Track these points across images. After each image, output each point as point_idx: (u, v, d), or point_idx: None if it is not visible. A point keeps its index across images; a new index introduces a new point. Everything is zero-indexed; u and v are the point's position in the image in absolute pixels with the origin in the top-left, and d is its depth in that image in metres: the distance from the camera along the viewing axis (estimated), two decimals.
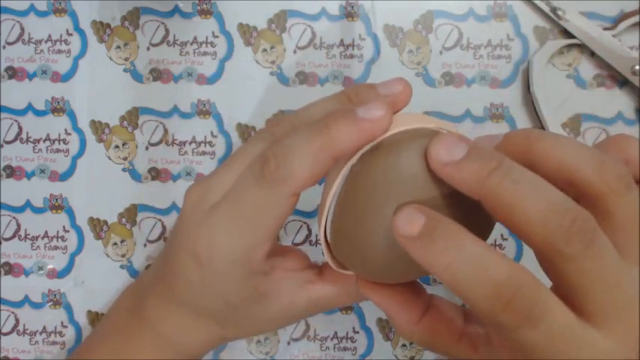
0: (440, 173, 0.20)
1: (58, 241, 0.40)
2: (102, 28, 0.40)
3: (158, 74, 0.40)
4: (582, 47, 0.38)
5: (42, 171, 0.40)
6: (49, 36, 0.41)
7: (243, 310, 0.28)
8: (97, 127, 0.40)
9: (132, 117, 0.40)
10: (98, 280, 0.40)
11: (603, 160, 0.20)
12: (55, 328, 0.40)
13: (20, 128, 0.41)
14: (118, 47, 0.40)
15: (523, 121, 0.39)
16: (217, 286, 0.27)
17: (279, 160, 0.23)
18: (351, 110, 0.22)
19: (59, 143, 0.40)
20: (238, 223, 0.25)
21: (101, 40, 0.40)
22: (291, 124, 0.27)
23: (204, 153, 0.40)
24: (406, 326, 0.25)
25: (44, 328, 0.40)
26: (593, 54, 0.38)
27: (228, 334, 0.31)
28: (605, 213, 0.20)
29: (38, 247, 0.40)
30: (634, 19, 0.37)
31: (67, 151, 0.40)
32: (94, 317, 0.40)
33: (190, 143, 0.40)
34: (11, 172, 0.41)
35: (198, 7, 0.40)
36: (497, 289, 0.19)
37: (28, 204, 0.40)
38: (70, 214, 0.40)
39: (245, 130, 0.40)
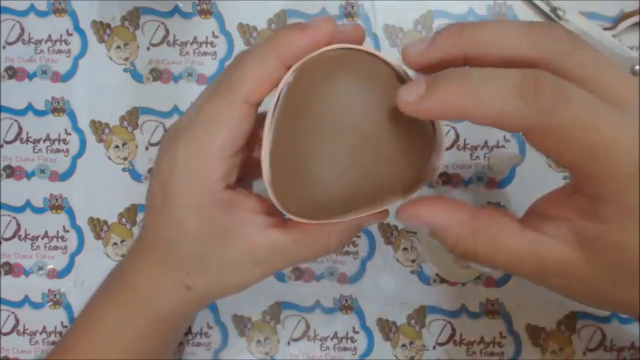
0: (409, 113, 0.22)
1: (58, 241, 0.40)
2: (102, 28, 0.40)
3: (158, 74, 0.40)
4: None
5: (42, 171, 0.40)
6: (49, 36, 0.41)
7: (203, 246, 0.28)
8: (97, 127, 0.40)
9: (132, 117, 0.40)
10: (98, 281, 0.40)
11: (538, 29, 0.21)
12: (55, 328, 0.40)
13: (20, 128, 0.41)
14: (118, 47, 0.40)
15: None
16: (178, 210, 0.27)
17: (230, 71, 0.25)
18: (298, 22, 0.25)
19: (59, 143, 0.40)
20: (195, 137, 0.26)
21: (101, 40, 0.40)
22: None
23: None
24: (463, 225, 0.23)
25: (44, 328, 0.40)
26: None
27: (192, 282, 0.29)
28: (563, 77, 0.20)
29: (38, 247, 0.40)
30: (634, 19, 0.37)
31: (67, 151, 0.40)
32: None
33: None
34: (11, 172, 0.41)
35: (198, 7, 0.40)
36: (521, 86, 0.19)
37: (28, 204, 0.40)
38: (70, 214, 0.40)
39: None
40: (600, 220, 0.21)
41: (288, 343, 0.40)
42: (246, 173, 0.31)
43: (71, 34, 0.41)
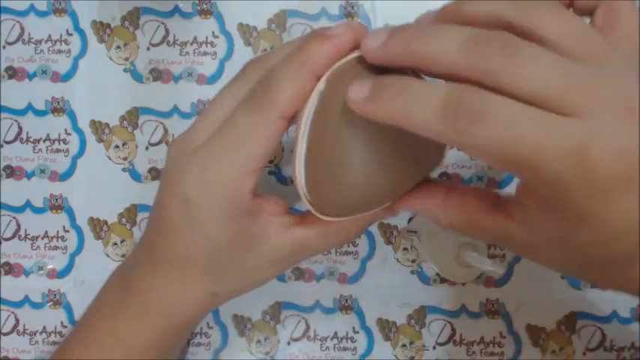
0: (354, 109, 0.23)
1: (58, 241, 0.40)
2: (102, 28, 0.40)
3: (158, 74, 0.40)
4: None
5: (42, 171, 0.40)
6: (49, 36, 0.41)
7: (231, 255, 0.28)
8: (97, 127, 0.40)
9: (132, 117, 0.40)
10: (98, 281, 0.40)
11: (473, 44, 0.21)
12: (55, 328, 0.40)
13: (20, 128, 0.41)
14: (118, 47, 0.40)
15: None
16: (206, 225, 0.27)
17: (265, 86, 0.26)
18: (319, 30, 0.26)
19: (59, 143, 0.40)
20: (228, 152, 0.26)
21: (101, 40, 0.40)
22: (265, 65, 0.28)
23: None
24: (436, 209, 0.26)
25: (44, 328, 0.40)
26: None
27: (218, 289, 0.30)
28: (538, 36, 0.21)
29: (38, 247, 0.40)
30: None
31: (67, 151, 0.40)
32: None
33: None
34: (11, 172, 0.41)
35: (198, 7, 0.40)
36: (444, 106, 0.21)
37: (28, 204, 0.40)
38: (70, 214, 0.40)
39: None
40: (550, 217, 0.22)
41: (288, 343, 0.40)
42: None
43: (71, 34, 0.41)
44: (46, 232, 0.40)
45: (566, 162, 0.20)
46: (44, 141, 0.40)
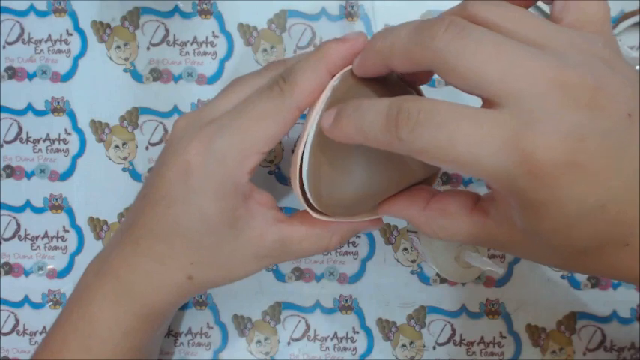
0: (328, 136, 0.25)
1: (58, 241, 0.40)
2: (102, 28, 0.40)
3: (158, 74, 0.40)
4: None
5: (42, 171, 0.40)
6: (49, 36, 0.41)
7: (216, 236, 0.29)
8: (97, 127, 0.40)
9: (132, 117, 0.40)
10: None
11: (415, 41, 0.22)
12: None
13: (20, 128, 0.41)
14: (118, 47, 0.40)
15: None
16: (200, 197, 0.28)
17: (286, 77, 0.27)
18: (335, 38, 0.28)
19: (59, 143, 0.40)
20: (241, 128, 0.27)
21: (101, 40, 0.40)
22: (285, 64, 0.30)
23: None
24: (418, 216, 0.26)
25: (44, 328, 0.40)
26: None
27: (194, 272, 0.30)
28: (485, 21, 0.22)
29: (38, 247, 0.40)
30: (634, 19, 0.37)
31: (67, 151, 0.40)
32: None
33: None
34: (11, 172, 0.41)
35: (198, 7, 0.40)
36: (386, 118, 0.22)
37: (28, 204, 0.40)
38: (70, 214, 0.40)
39: None
40: (511, 214, 0.23)
41: (288, 343, 0.40)
42: None
43: (71, 34, 0.41)
44: (46, 232, 0.40)
45: (504, 155, 0.20)
46: (44, 141, 0.40)
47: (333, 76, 0.27)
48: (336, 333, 0.39)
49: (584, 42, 0.21)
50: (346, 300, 0.39)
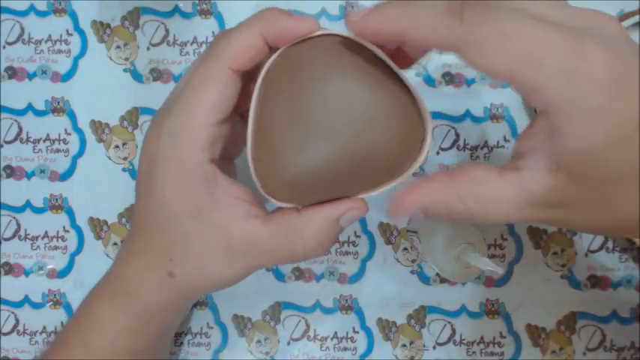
0: (354, 29, 0.24)
1: (58, 241, 0.40)
2: (102, 28, 0.40)
3: (158, 74, 0.40)
4: None
5: (42, 171, 0.40)
6: (49, 36, 0.41)
7: (182, 228, 0.28)
8: (97, 127, 0.40)
9: (132, 117, 0.40)
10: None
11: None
12: (55, 328, 0.40)
13: (20, 128, 0.41)
14: (118, 47, 0.40)
15: (523, 121, 0.39)
16: (160, 184, 0.27)
17: (216, 41, 0.27)
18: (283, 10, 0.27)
19: (59, 143, 0.40)
20: (183, 103, 0.27)
21: (101, 40, 0.40)
22: (227, 34, 0.29)
23: None
24: (447, 190, 0.24)
25: (44, 328, 0.40)
26: None
27: (174, 268, 0.29)
28: None
29: (38, 247, 0.40)
30: (634, 19, 0.37)
31: (67, 151, 0.40)
32: None
33: None
34: (11, 172, 0.41)
35: (198, 7, 0.40)
36: (449, 5, 0.21)
37: (28, 204, 0.40)
38: (70, 214, 0.40)
39: None
40: (559, 133, 0.21)
41: (288, 343, 0.40)
42: (231, 159, 0.32)
43: (71, 34, 0.41)
44: (46, 232, 0.40)
45: (567, 57, 0.20)
46: (44, 141, 0.40)
47: (273, 49, 0.26)
48: (336, 333, 0.39)
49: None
50: (346, 300, 0.39)
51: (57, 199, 0.40)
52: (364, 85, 0.24)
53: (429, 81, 0.39)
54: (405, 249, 0.39)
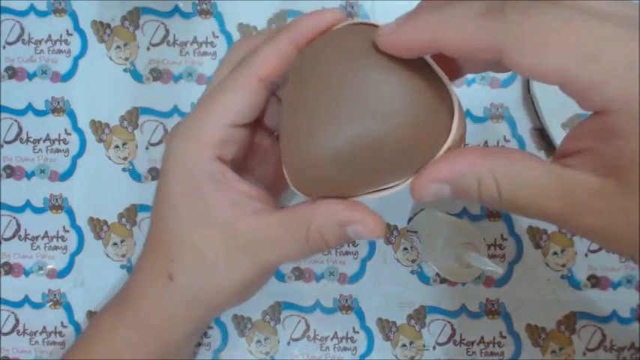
0: (386, 45, 0.22)
1: (58, 241, 0.40)
2: (102, 28, 0.40)
3: (158, 74, 0.40)
4: None
5: (42, 171, 0.40)
6: (49, 36, 0.41)
7: (188, 225, 0.27)
8: (97, 127, 0.40)
9: (132, 117, 0.40)
10: (98, 280, 0.40)
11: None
12: (55, 328, 0.40)
13: (20, 128, 0.41)
14: (118, 47, 0.40)
15: (523, 121, 0.39)
16: (169, 180, 0.27)
17: (247, 56, 0.27)
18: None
19: (59, 143, 0.40)
20: (202, 106, 0.27)
21: (101, 40, 0.40)
22: (250, 44, 0.29)
23: None
24: (477, 163, 0.21)
25: (44, 328, 0.40)
26: None
27: (176, 272, 0.28)
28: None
29: (38, 247, 0.40)
30: None
31: (67, 151, 0.40)
32: None
33: None
34: (11, 172, 0.41)
35: (198, 7, 0.40)
36: (487, 6, 0.20)
37: (28, 204, 0.40)
38: (70, 214, 0.40)
39: None
40: (616, 134, 0.19)
41: (288, 343, 0.40)
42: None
43: (71, 34, 0.41)
44: (46, 232, 0.40)
45: (626, 45, 0.18)
46: (44, 141, 0.40)
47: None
48: (336, 333, 0.39)
49: None
50: (346, 300, 0.39)
51: (57, 199, 0.40)
52: (381, 67, 0.23)
53: None
54: (405, 249, 0.39)
